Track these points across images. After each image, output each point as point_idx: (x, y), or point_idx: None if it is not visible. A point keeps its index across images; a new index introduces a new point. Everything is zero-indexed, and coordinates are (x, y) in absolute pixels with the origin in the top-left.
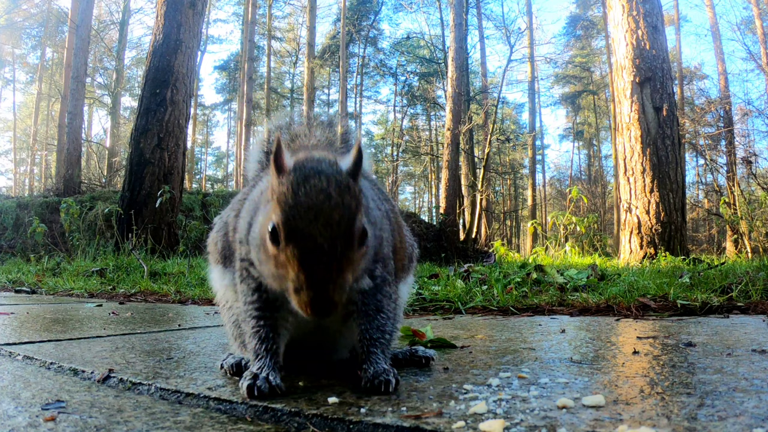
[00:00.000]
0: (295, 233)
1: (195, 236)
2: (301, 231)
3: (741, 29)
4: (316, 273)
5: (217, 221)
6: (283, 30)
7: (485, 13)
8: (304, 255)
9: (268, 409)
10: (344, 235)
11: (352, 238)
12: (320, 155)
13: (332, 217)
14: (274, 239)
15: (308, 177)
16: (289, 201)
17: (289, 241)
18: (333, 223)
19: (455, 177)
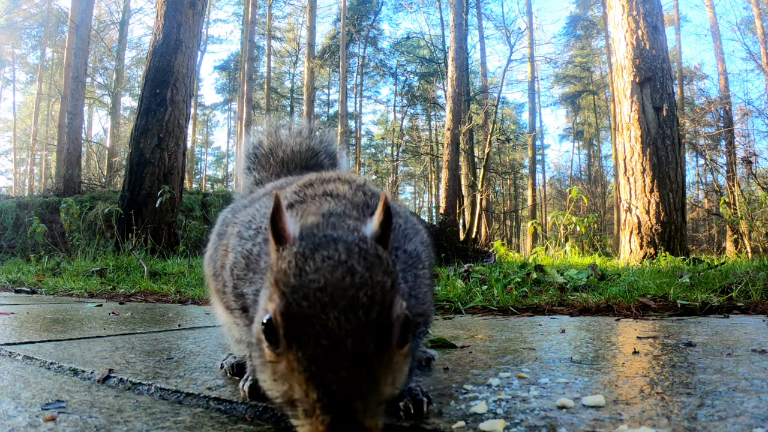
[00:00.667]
0: (302, 328)
1: (195, 236)
2: (311, 323)
3: (741, 29)
4: (336, 387)
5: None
6: (283, 30)
7: (485, 13)
8: (315, 361)
9: (268, 409)
10: (376, 326)
11: (390, 331)
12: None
13: (357, 300)
14: (271, 338)
15: (319, 246)
16: (291, 281)
17: (291, 340)
18: (358, 309)
19: (455, 177)
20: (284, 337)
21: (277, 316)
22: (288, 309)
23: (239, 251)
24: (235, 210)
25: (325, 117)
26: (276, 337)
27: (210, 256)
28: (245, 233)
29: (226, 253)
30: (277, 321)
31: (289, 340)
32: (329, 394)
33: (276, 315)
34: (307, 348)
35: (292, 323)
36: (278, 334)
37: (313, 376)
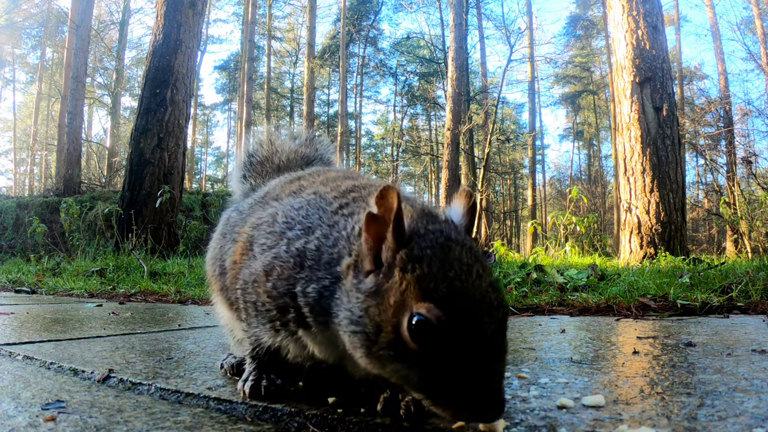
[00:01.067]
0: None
1: (195, 236)
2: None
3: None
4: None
5: (214, 246)
6: (283, 30)
7: (485, 13)
8: (477, 356)
9: (268, 409)
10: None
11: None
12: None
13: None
14: (423, 337)
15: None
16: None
17: (452, 338)
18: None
19: (455, 177)
20: (444, 338)
21: (441, 321)
22: (448, 315)
23: (283, 251)
24: (242, 210)
25: (325, 117)
26: (432, 337)
27: (214, 257)
28: (290, 233)
29: (248, 256)
30: (437, 324)
31: (451, 340)
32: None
33: (438, 320)
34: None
35: (453, 327)
36: (436, 335)
37: (474, 372)
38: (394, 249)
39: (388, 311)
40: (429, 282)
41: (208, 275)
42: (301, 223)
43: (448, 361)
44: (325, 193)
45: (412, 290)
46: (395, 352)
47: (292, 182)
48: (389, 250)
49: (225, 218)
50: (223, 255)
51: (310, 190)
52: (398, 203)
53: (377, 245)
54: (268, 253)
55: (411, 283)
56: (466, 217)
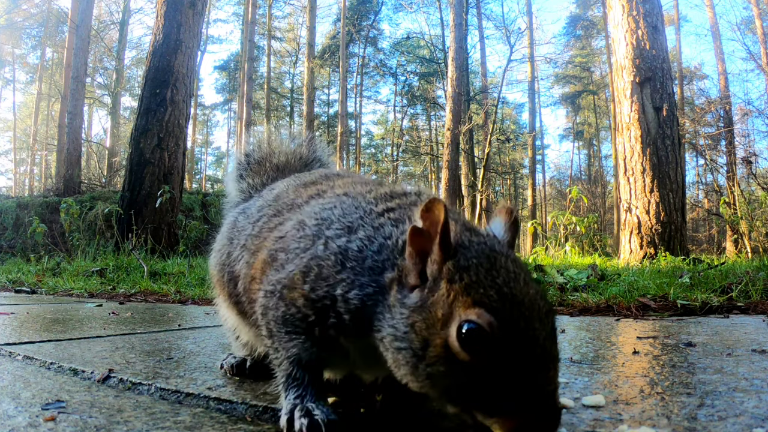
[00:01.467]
0: (515, 334)
1: (195, 236)
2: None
3: (741, 29)
4: (546, 383)
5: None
6: (283, 30)
7: (485, 13)
8: (530, 363)
9: (268, 409)
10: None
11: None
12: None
13: (542, 310)
14: (475, 347)
15: (492, 258)
16: (491, 291)
17: (506, 346)
18: (546, 318)
19: (455, 177)
20: (497, 344)
21: (493, 328)
22: (500, 321)
23: (321, 250)
24: (250, 214)
25: (325, 117)
26: (484, 347)
27: (221, 262)
28: (328, 231)
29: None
30: (492, 331)
31: (504, 347)
32: (543, 392)
33: (491, 326)
34: (524, 355)
35: (507, 334)
36: (489, 343)
37: (528, 379)
38: (441, 261)
39: (436, 325)
40: (478, 289)
41: (213, 279)
42: (339, 221)
43: (503, 370)
44: (363, 194)
45: (461, 299)
46: (445, 367)
47: (307, 186)
48: (435, 264)
49: (231, 221)
50: (232, 262)
51: (338, 191)
52: (445, 216)
53: (422, 260)
54: (304, 255)
55: (459, 292)
56: (509, 233)
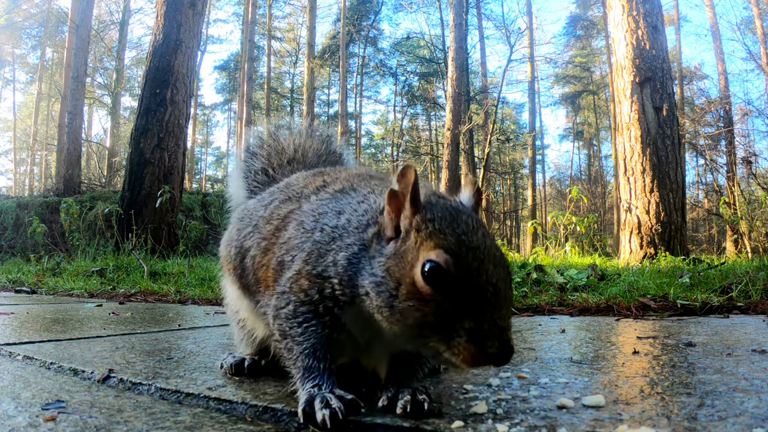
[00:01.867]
0: (471, 273)
1: (195, 236)
2: (478, 271)
3: (741, 29)
4: (500, 318)
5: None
6: (283, 30)
7: (485, 13)
8: (485, 299)
9: (268, 409)
10: (509, 277)
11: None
12: (442, 193)
13: (498, 258)
14: (437, 281)
15: (456, 212)
16: (451, 237)
17: (463, 283)
18: (501, 264)
19: (455, 177)
20: (456, 282)
21: (449, 265)
22: (458, 261)
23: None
24: (262, 198)
25: (325, 117)
26: (444, 281)
27: (230, 238)
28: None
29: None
30: (448, 269)
31: (461, 284)
32: (497, 326)
33: (448, 264)
34: (478, 292)
35: (463, 272)
36: (448, 279)
37: (484, 313)
38: (411, 215)
39: (406, 267)
40: (439, 235)
41: (221, 257)
42: (332, 210)
43: (459, 304)
44: (356, 185)
45: (426, 244)
46: (413, 302)
47: (315, 176)
48: (407, 218)
49: (243, 205)
50: (242, 238)
51: (337, 186)
52: (415, 178)
53: (397, 216)
54: (305, 246)
55: (424, 239)
56: (472, 200)
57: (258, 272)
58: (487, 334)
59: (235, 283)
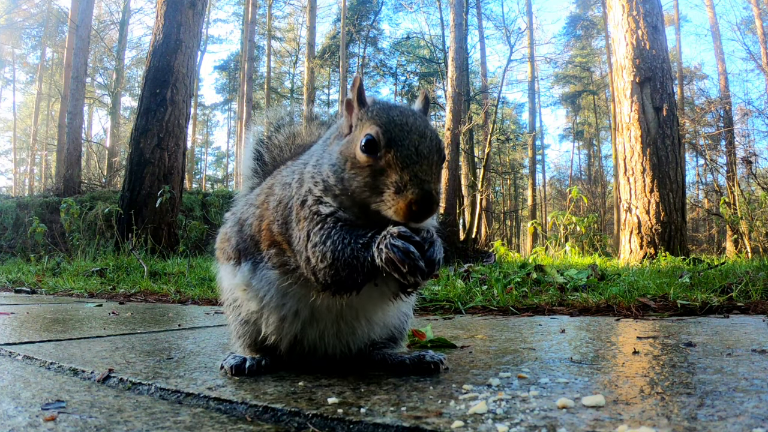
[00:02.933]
0: (397, 140)
1: (195, 236)
2: (402, 138)
3: (741, 29)
4: (420, 173)
5: (230, 217)
6: (283, 30)
7: (485, 13)
8: (407, 157)
9: (268, 409)
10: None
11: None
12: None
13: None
14: (371, 149)
15: (392, 105)
16: (383, 118)
17: (390, 147)
18: (427, 137)
19: (455, 177)
20: (384, 146)
21: (379, 134)
22: (387, 131)
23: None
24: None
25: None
26: (376, 148)
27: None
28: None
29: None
30: (378, 137)
31: (388, 147)
32: (417, 177)
33: (378, 134)
34: (401, 150)
35: (390, 137)
36: (379, 145)
37: (406, 167)
38: (358, 111)
39: (351, 147)
40: (375, 118)
41: (217, 250)
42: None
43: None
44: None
45: (365, 126)
46: (355, 170)
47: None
48: (355, 115)
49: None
50: (241, 215)
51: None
52: (360, 83)
53: (350, 117)
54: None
55: (363, 123)
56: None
57: (259, 236)
58: (408, 183)
59: (229, 260)
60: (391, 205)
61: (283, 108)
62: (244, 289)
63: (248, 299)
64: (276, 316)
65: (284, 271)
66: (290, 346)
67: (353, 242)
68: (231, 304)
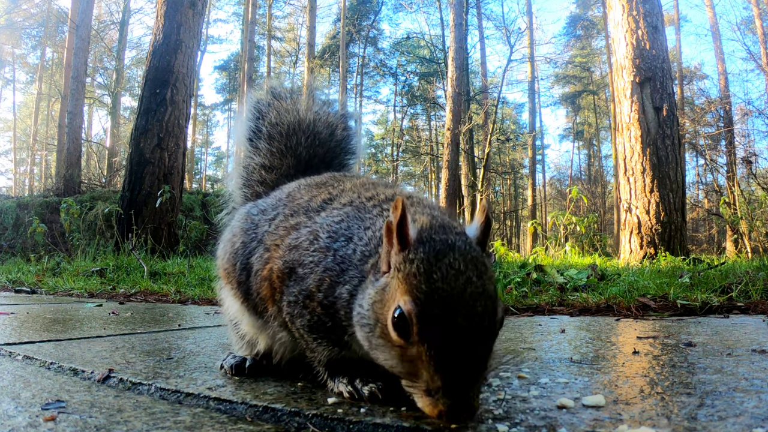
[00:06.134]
0: (433, 328)
1: (195, 236)
2: (440, 326)
3: (741, 29)
4: (456, 378)
5: (229, 234)
6: (283, 30)
7: (485, 13)
8: (443, 355)
9: (268, 409)
10: (487, 329)
11: (494, 333)
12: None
13: (475, 309)
14: (402, 330)
15: (442, 254)
16: (423, 285)
17: (424, 336)
18: (476, 316)
19: (455, 177)
20: (417, 333)
21: (411, 315)
22: (423, 311)
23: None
24: (265, 209)
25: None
26: (408, 330)
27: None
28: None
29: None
30: (410, 318)
31: (422, 336)
32: (452, 384)
33: (410, 313)
34: (437, 345)
35: (425, 323)
36: (411, 329)
37: (439, 366)
38: (398, 252)
39: (384, 306)
40: (413, 280)
41: (220, 269)
42: (344, 234)
43: (421, 356)
44: (366, 203)
45: (401, 287)
46: (384, 343)
47: (319, 188)
48: (394, 255)
49: (243, 214)
50: (247, 254)
51: (344, 200)
52: (402, 212)
53: (389, 250)
54: (317, 268)
55: (401, 281)
56: (480, 230)
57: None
58: (440, 390)
59: (238, 299)
60: (419, 401)
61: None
62: (243, 314)
63: (246, 324)
64: (272, 341)
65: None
66: (287, 359)
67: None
68: (231, 321)
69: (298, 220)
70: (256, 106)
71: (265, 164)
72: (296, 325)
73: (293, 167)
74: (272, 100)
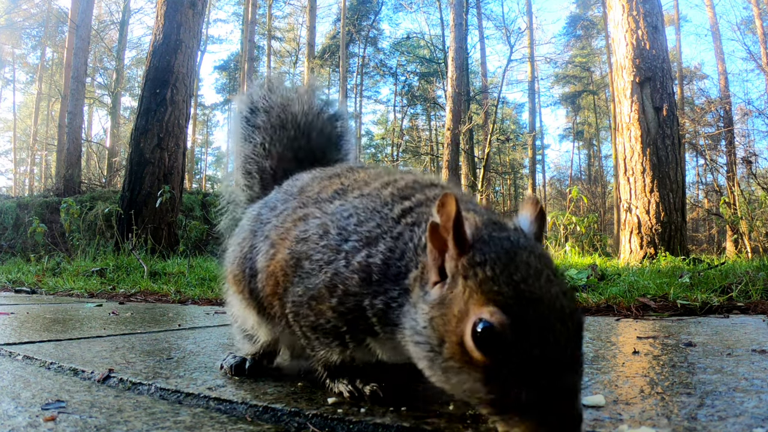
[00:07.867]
0: (533, 339)
1: (195, 236)
2: (538, 329)
3: (741, 29)
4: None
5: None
6: (283, 30)
7: (485, 13)
8: (548, 368)
9: (268, 409)
10: (581, 332)
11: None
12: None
13: (564, 310)
14: (489, 347)
15: (513, 253)
16: (508, 292)
17: (518, 348)
18: (567, 318)
19: (455, 177)
20: (511, 348)
21: (505, 327)
22: (515, 321)
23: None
24: (274, 206)
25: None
26: (497, 347)
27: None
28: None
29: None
30: (504, 330)
31: (517, 348)
32: (557, 398)
33: (503, 326)
34: (537, 359)
35: (521, 335)
36: (503, 343)
37: (542, 383)
38: (456, 257)
39: (452, 321)
40: (492, 286)
41: (228, 275)
42: (357, 232)
43: (517, 373)
44: (379, 194)
45: (476, 296)
46: (459, 365)
47: (332, 179)
48: (452, 260)
49: (254, 215)
50: (255, 256)
51: (356, 193)
52: (457, 210)
53: (441, 255)
54: (327, 270)
55: (474, 289)
56: (535, 224)
57: (267, 287)
58: (547, 408)
59: (250, 306)
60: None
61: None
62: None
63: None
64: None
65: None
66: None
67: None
68: (236, 322)
69: (307, 210)
70: (251, 97)
71: (261, 153)
72: (300, 324)
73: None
74: (267, 92)
